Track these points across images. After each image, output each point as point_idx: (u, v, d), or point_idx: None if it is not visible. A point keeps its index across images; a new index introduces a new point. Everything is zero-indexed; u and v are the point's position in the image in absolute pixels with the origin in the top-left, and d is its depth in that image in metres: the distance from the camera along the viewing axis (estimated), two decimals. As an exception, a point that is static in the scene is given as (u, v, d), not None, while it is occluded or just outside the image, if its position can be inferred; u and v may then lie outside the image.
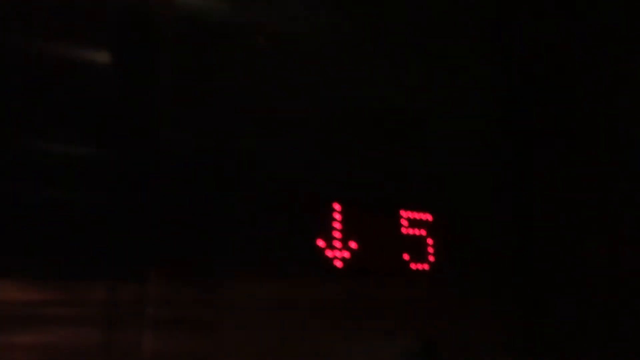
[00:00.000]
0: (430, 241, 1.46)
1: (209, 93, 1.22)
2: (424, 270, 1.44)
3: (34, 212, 1.01)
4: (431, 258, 1.46)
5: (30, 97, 1.03)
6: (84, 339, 1.02)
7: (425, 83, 1.55)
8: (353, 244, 1.33)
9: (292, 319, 1.23)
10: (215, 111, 1.22)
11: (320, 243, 1.29)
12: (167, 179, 1.14)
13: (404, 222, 1.43)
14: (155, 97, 1.17)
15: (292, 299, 1.23)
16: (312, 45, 1.38)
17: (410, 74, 1.53)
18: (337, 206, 1.33)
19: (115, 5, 1.14)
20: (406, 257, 1.41)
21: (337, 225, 1.31)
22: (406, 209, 1.44)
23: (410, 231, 1.44)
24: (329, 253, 1.29)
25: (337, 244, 1.31)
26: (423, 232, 1.46)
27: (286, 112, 1.31)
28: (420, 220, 1.46)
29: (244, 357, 1.16)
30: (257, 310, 1.19)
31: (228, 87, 1.25)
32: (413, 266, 1.42)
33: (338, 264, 1.29)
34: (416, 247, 1.44)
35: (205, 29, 1.24)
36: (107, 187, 1.09)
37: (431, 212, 1.48)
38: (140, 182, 1.13)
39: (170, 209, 1.13)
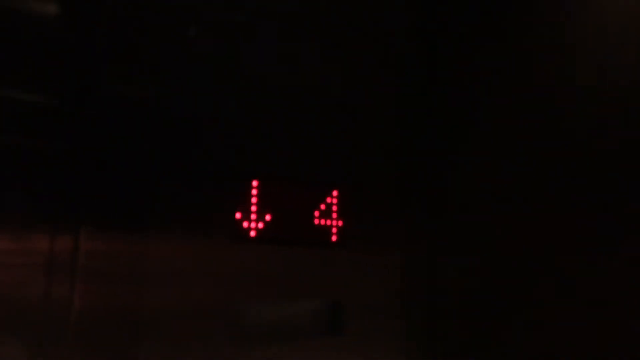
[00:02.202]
0: (338, 214, 1.66)
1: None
2: (332, 240, 1.64)
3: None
4: (338, 230, 1.66)
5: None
6: (21, 287, 1.16)
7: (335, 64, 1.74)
8: (267, 216, 1.51)
9: (211, 280, 1.41)
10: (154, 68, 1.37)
11: (238, 215, 1.46)
12: (105, 132, 1.29)
13: (314, 197, 1.63)
14: (99, 51, 1.30)
15: (210, 261, 1.41)
16: (242, 31, 1.54)
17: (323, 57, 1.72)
18: (255, 183, 1.50)
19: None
20: (316, 228, 1.61)
21: (254, 199, 1.49)
22: (319, 185, 1.64)
23: (321, 206, 1.63)
24: (245, 224, 1.47)
25: (253, 216, 1.49)
26: (333, 207, 1.66)
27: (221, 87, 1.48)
28: (332, 195, 1.66)
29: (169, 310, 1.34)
30: (181, 270, 1.37)
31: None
32: (322, 236, 1.62)
33: (252, 233, 1.48)
34: (326, 220, 1.64)
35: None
36: (50, 135, 1.23)
37: (338, 188, 1.67)
38: (81, 132, 1.27)
39: (106, 163, 1.28)
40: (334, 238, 1.65)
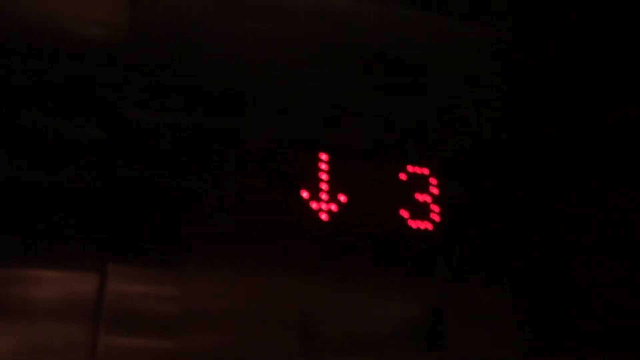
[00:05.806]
0: (433, 198, 1.33)
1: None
2: (426, 230, 1.31)
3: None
4: (435, 217, 1.32)
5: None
6: (42, 332, 0.99)
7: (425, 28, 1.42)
8: (342, 197, 1.22)
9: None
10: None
11: (305, 194, 1.19)
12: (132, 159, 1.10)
13: (403, 177, 1.31)
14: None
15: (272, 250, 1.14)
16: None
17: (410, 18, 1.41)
18: (324, 156, 1.22)
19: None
20: (405, 214, 1.29)
21: (323, 176, 1.21)
22: (405, 162, 1.32)
23: (412, 186, 1.31)
24: (313, 205, 1.19)
25: (324, 196, 1.20)
26: (427, 189, 1.33)
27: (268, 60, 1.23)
28: (422, 174, 1.33)
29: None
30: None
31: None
32: (412, 224, 1.29)
33: (324, 217, 1.19)
34: (417, 204, 1.31)
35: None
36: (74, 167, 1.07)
37: (430, 167, 1.34)
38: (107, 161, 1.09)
39: (134, 193, 1.08)
40: (429, 226, 1.31)
